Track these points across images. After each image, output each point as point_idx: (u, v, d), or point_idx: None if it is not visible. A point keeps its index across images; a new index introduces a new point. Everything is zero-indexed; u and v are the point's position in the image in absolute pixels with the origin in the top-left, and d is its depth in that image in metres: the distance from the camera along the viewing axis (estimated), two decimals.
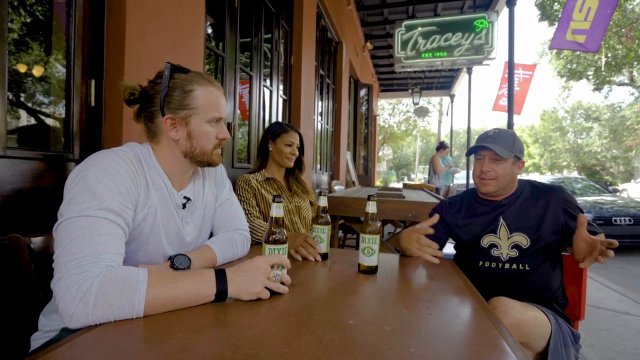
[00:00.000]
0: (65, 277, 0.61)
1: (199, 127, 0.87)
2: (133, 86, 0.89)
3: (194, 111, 0.86)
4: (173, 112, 0.85)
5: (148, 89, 0.88)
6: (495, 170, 1.25)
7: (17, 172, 1.03)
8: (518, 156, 1.27)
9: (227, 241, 1.02)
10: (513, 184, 1.29)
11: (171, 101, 0.85)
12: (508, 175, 1.26)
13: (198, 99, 0.86)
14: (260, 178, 1.61)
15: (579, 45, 3.81)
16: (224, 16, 2.16)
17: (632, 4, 11.70)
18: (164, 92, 0.84)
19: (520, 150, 1.28)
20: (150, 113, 0.87)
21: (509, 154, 1.24)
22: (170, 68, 0.85)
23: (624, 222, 4.80)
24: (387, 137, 18.21)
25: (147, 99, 0.87)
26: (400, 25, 5.39)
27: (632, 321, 2.49)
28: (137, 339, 0.57)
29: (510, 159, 1.26)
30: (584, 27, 3.74)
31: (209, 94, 0.88)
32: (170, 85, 0.85)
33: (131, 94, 0.89)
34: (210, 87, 0.89)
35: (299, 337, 0.59)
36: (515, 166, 1.28)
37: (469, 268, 1.28)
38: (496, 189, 1.27)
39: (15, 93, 1.12)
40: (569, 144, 25.39)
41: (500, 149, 1.23)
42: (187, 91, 0.85)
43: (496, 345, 0.59)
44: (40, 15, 1.19)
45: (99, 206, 0.69)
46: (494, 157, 1.25)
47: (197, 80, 0.87)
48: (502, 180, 1.26)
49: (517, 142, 1.27)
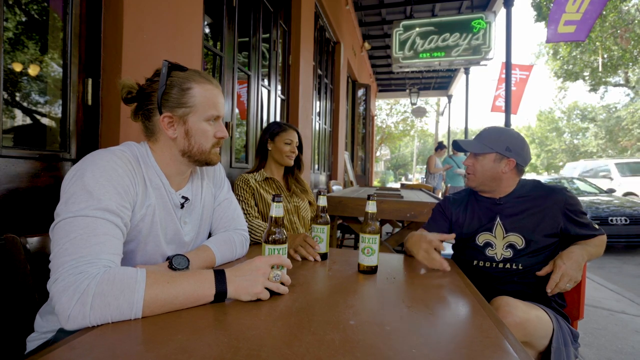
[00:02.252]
0: (62, 278, 0.60)
1: (196, 125, 0.86)
2: (131, 84, 0.88)
3: (191, 109, 0.85)
4: (171, 110, 0.84)
5: (146, 87, 0.87)
6: (474, 165, 1.28)
7: (12, 171, 1.01)
8: (502, 153, 1.22)
9: (225, 241, 1.01)
10: (499, 181, 1.26)
11: (169, 99, 0.84)
12: (487, 171, 1.25)
13: (196, 97, 0.85)
14: (259, 178, 1.60)
15: (569, 36, 3.95)
16: (222, 15, 2.15)
17: (627, 6, 11.79)
18: (162, 90, 0.83)
19: (508, 148, 1.22)
20: (148, 111, 0.86)
21: (486, 149, 1.24)
22: (168, 66, 0.84)
23: (620, 222, 4.83)
24: (385, 137, 18.24)
25: (145, 97, 0.87)
26: (398, 25, 5.40)
27: (628, 320, 2.50)
28: (136, 340, 0.56)
29: (490, 155, 1.24)
30: (576, 18, 3.85)
31: (207, 92, 0.87)
32: (168, 83, 0.84)
33: (129, 92, 0.88)
34: (208, 85, 0.88)
35: (299, 337, 0.58)
36: (502, 164, 1.23)
37: (464, 268, 1.27)
38: (476, 184, 1.30)
39: (11, 92, 1.11)
40: (565, 145, 25.56)
41: (477, 145, 1.26)
42: (185, 89, 0.84)
43: (498, 345, 0.59)
44: (36, 14, 1.18)
45: (96, 206, 0.68)
46: (474, 152, 1.28)
47: (195, 78, 0.86)
48: (480, 175, 1.26)
49: (502, 139, 1.24)
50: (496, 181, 1.26)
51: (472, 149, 1.28)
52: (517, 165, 1.25)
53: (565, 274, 1.09)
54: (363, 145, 7.77)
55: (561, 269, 1.10)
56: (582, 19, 3.81)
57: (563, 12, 3.88)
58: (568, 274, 1.09)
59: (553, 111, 26.59)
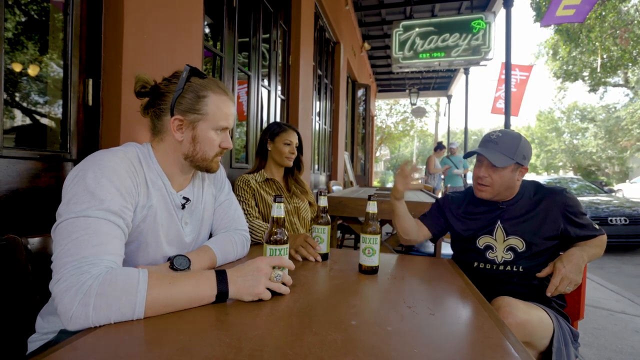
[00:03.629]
0: (64, 279, 0.61)
1: (204, 133, 0.87)
2: (146, 79, 0.89)
3: (203, 117, 0.86)
4: (182, 114, 0.85)
5: (162, 87, 0.88)
6: (491, 177, 1.21)
7: (13, 172, 1.01)
8: (520, 162, 1.19)
9: (226, 241, 1.01)
10: (512, 189, 1.24)
11: (183, 103, 0.85)
12: (505, 182, 1.21)
13: (209, 105, 0.86)
14: (259, 178, 1.60)
15: (567, 18, 4.00)
16: (222, 16, 2.15)
17: (626, 6, 11.80)
18: (178, 93, 0.84)
19: (524, 156, 1.20)
20: (160, 110, 0.87)
21: (508, 161, 1.17)
22: (189, 70, 0.86)
23: (619, 222, 4.84)
24: (385, 138, 18.24)
25: (159, 95, 0.87)
26: (398, 25, 5.40)
27: (628, 320, 2.51)
28: (138, 341, 0.57)
29: (510, 167, 1.19)
30: (575, 3, 3.87)
31: (222, 103, 0.88)
32: (185, 88, 0.85)
33: (142, 86, 0.89)
34: (224, 96, 0.89)
35: (301, 338, 0.58)
36: (517, 172, 1.21)
37: (464, 269, 1.27)
38: (491, 196, 1.24)
39: (11, 92, 1.11)
40: (564, 145, 25.58)
41: (499, 157, 1.18)
42: (201, 96, 0.86)
43: (500, 345, 0.59)
44: (36, 14, 1.18)
45: (98, 207, 0.68)
46: (492, 164, 1.19)
47: (212, 87, 0.88)
48: (498, 187, 1.21)
49: (521, 147, 1.20)
50: (510, 190, 1.24)
51: (496, 162, 1.18)
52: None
53: (565, 277, 1.09)
54: (363, 146, 7.77)
55: (561, 272, 1.10)
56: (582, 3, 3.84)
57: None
58: (568, 277, 1.09)
59: (553, 111, 26.62)
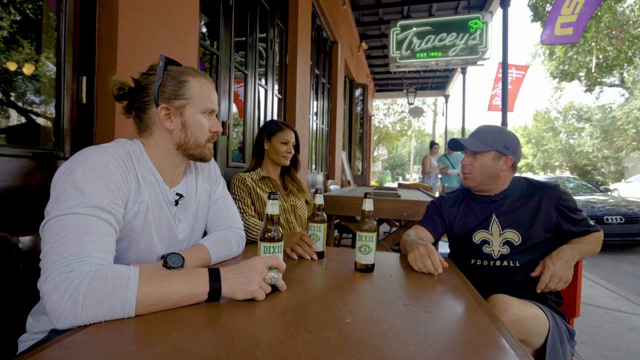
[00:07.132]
0: (52, 277, 0.59)
1: (193, 117, 0.88)
2: (122, 80, 0.88)
3: (188, 101, 0.87)
4: (167, 102, 0.85)
5: (141, 80, 0.87)
6: (473, 164, 1.27)
7: (5, 170, 1.00)
8: (501, 151, 1.23)
9: (221, 240, 1.00)
10: (497, 179, 1.27)
11: (165, 91, 0.85)
12: (487, 170, 1.25)
13: (192, 89, 0.87)
14: (255, 177, 1.59)
15: (566, 38, 4.04)
16: (219, 14, 2.14)
17: (622, 7, 11.87)
18: (159, 82, 0.84)
19: (506, 146, 1.24)
20: (144, 104, 0.86)
21: (486, 147, 1.23)
22: (164, 59, 0.86)
23: (615, 220, 4.86)
24: (382, 137, 18.25)
25: (140, 90, 0.87)
26: (395, 25, 5.40)
27: (624, 318, 2.52)
28: (129, 339, 0.56)
29: (490, 153, 1.24)
30: (572, 20, 3.92)
31: (203, 85, 0.89)
32: (164, 76, 0.85)
33: (120, 88, 0.88)
34: (203, 79, 0.90)
35: (295, 336, 0.58)
36: (501, 162, 1.25)
37: (461, 266, 1.27)
38: (475, 184, 1.29)
39: (4, 90, 1.09)
40: (561, 144, 25.71)
41: (477, 143, 1.25)
42: (182, 81, 0.86)
43: (495, 342, 0.59)
44: (29, 11, 1.17)
45: (87, 203, 0.67)
46: (473, 151, 1.27)
47: (191, 72, 0.89)
48: (479, 174, 1.26)
49: (501, 136, 1.24)
50: (494, 179, 1.27)
51: (471, 147, 1.26)
52: (513, 163, 1.27)
53: (555, 274, 1.11)
54: (360, 145, 7.77)
55: (550, 270, 1.12)
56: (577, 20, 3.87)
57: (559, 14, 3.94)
58: (557, 274, 1.10)
59: (549, 111, 26.75)
